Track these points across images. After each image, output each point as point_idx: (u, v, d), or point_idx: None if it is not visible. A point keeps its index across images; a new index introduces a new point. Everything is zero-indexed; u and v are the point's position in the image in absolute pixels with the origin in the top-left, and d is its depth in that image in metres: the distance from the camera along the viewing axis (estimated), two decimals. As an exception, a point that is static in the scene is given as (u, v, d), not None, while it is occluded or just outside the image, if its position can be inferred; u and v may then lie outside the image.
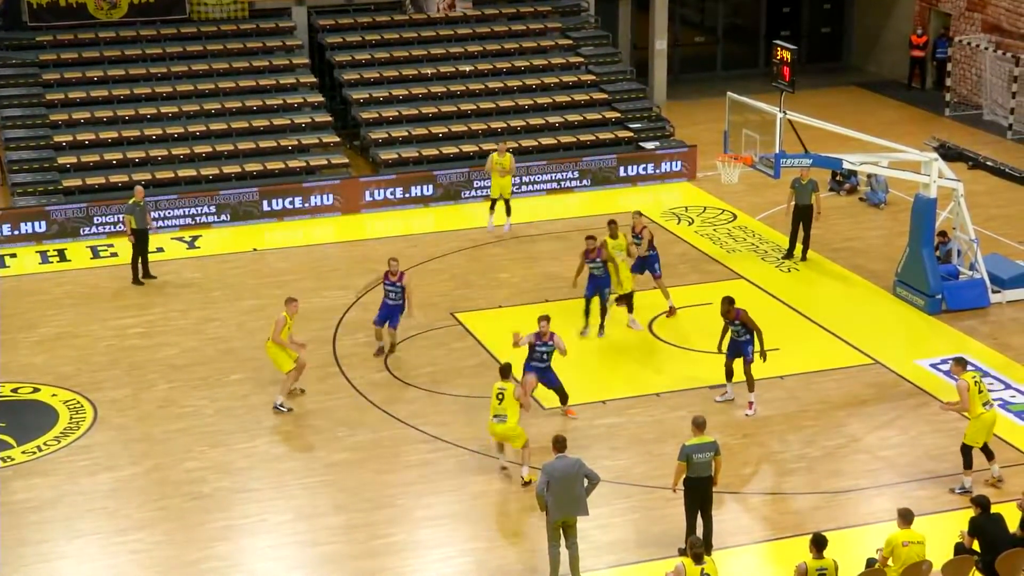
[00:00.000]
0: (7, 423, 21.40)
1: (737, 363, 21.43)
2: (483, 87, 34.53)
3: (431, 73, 34.64)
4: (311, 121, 32.99)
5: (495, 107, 34.07)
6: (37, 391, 22.53)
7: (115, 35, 34.10)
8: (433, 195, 31.27)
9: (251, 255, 28.51)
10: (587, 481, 16.97)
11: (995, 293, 25.47)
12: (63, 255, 28.50)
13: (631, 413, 21.60)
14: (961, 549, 16.59)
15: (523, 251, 28.42)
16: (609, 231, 24.21)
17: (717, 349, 21.80)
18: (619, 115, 34.34)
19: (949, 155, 31.89)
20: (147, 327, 24.90)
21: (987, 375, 22.14)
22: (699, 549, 15.39)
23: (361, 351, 23.52)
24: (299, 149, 32.18)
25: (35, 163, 30.92)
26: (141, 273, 26.78)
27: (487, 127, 33.39)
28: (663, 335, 24.36)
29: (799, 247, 27.52)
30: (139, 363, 23.48)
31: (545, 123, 33.76)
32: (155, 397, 22.29)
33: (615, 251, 23.93)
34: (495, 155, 28.94)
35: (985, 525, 16.54)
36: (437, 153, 32.42)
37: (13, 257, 28.35)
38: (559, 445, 17.10)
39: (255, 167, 31.39)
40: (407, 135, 32.92)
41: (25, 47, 33.64)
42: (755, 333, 21.25)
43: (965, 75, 37.61)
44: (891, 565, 16.09)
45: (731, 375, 21.62)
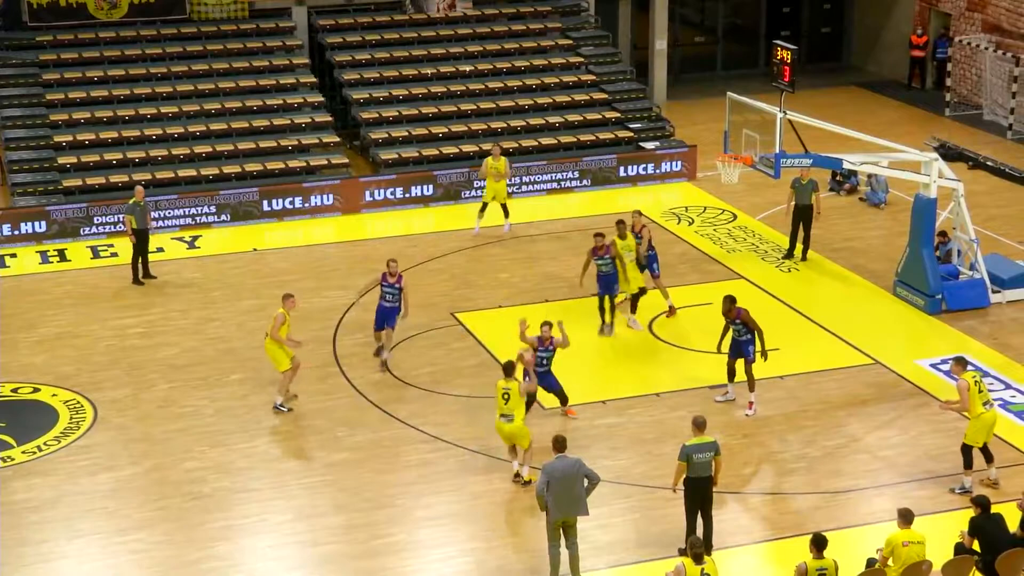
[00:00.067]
0: (7, 423, 21.41)
1: (739, 363, 21.42)
2: (483, 87, 34.53)
3: (431, 73, 34.64)
4: (311, 121, 32.99)
5: (495, 107, 34.06)
6: (37, 391, 22.53)
7: (115, 35, 34.10)
8: (433, 195, 31.27)
9: (251, 255, 28.51)
10: (587, 481, 16.97)
11: (995, 293, 25.47)
12: (63, 255, 28.49)
13: (631, 413, 21.60)
14: (961, 549, 16.59)
15: (523, 251, 28.42)
16: (618, 231, 24.21)
17: (716, 349, 21.81)
18: (619, 115, 34.33)
19: (949, 155, 31.88)
20: (147, 327, 24.90)
21: (987, 375, 22.13)
22: (699, 549, 15.39)
23: (361, 351, 23.51)
24: (299, 149, 32.18)
25: (35, 163, 30.92)
26: (141, 273, 26.77)
27: (487, 127, 33.39)
28: (663, 335, 24.37)
29: (799, 247, 27.52)
30: (139, 363, 23.48)
31: (545, 123, 33.76)
32: (155, 397, 22.30)
33: (623, 251, 23.96)
34: (489, 159, 28.87)
35: (985, 525, 16.54)
36: (437, 153, 32.41)
37: (13, 257, 28.35)
38: (559, 445, 17.10)
39: (255, 167, 31.38)
40: (407, 135, 32.92)
41: (25, 47, 33.64)
42: (756, 333, 21.26)
43: (965, 75, 37.60)
44: (891, 565, 16.09)
45: (733, 375, 21.62)
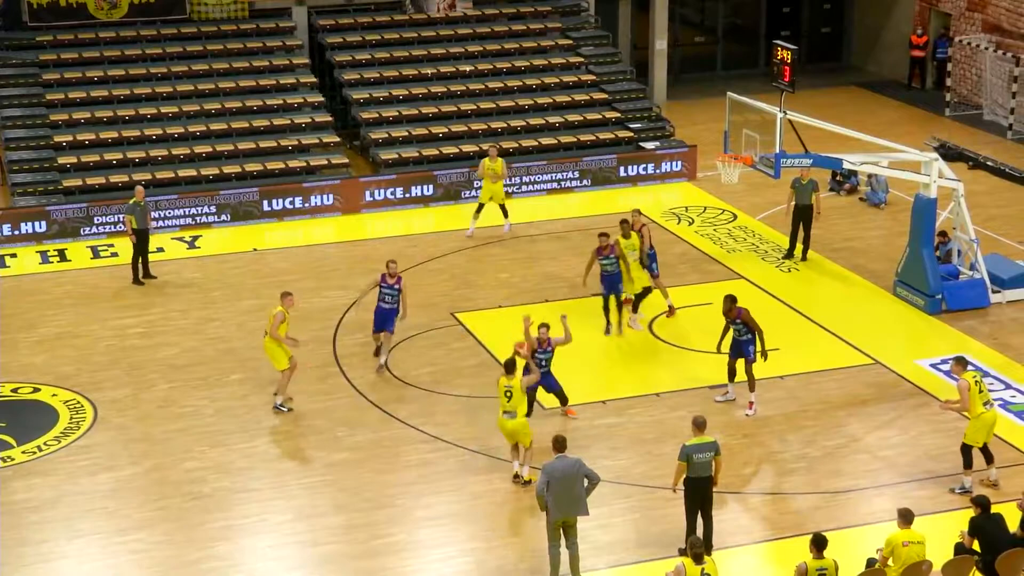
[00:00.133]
0: (7, 423, 21.40)
1: (739, 363, 21.42)
2: (483, 87, 34.52)
3: (431, 73, 34.64)
4: (311, 121, 32.98)
5: (495, 107, 34.06)
6: (37, 391, 22.53)
7: (115, 35, 34.09)
8: (433, 195, 31.26)
9: (251, 255, 28.51)
10: (587, 481, 16.97)
11: (995, 293, 25.46)
12: (63, 255, 28.49)
13: (631, 413, 21.60)
14: (961, 549, 16.59)
15: (523, 251, 28.41)
16: (621, 230, 24.21)
17: (716, 349, 21.80)
18: (619, 115, 34.33)
19: (949, 155, 31.87)
20: (147, 327, 24.90)
21: (987, 375, 22.12)
22: (699, 549, 15.39)
23: (361, 351, 23.51)
24: (299, 149, 32.17)
25: (35, 163, 30.92)
26: (141, 273, 26.77)
27: (487, 127, 33.39)
28: (663, 335, 24.36)
29: (799, 247, 27.52)
30: (139, 363, 23.48)
31: (545, 123, 33.76)
32: (155, 397, 22.29)
33: (627, 250, 23.95)
34: (486, 160, 28.81)
35: (985, 525, 16.54)
36: (437, 153, 32.41)
37: (13, 257, 28.35)
38: (559, 445, 17.10)
39: (255, 167, 31.38)
40: (407, 135, 32.91)
41: (25, 47, 33.63)
42: (756, 333, 21.25)
43: (965, 75, 37.59)
44: (891, 565, 16.09)
45: (733, 375, 21.60)
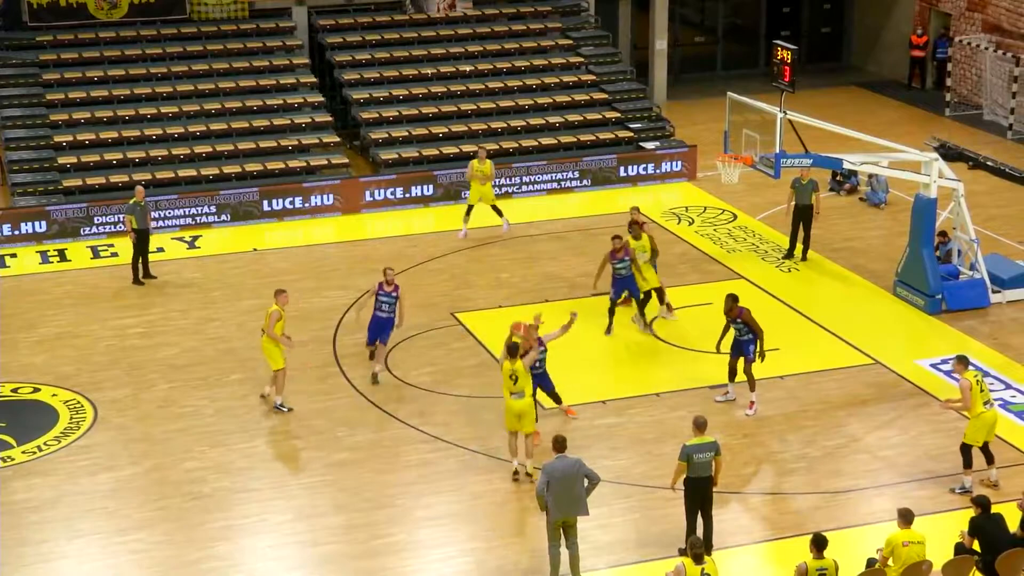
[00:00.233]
0: (7, 423, 21.40)
1: (740, 363, 21.40)
2: (483, 87, 34.52)
3: (431, 73, 34.64)
4: (311, 121, 32.99)
5: (495, 107, 34.06)
6: (37, 391, 22.53)
7: (115, 35, 34.10)
8: (433, 195, 31.26)
9: (251, 255, 28.51)
10: (587, 481, 16.97)
11: (995, 293, 25.46)
12: (63, 255, 28.49)
13: (631, 413, 21.59)
14: (961, 549, 16.59)
15: (523, 251, 28.41)
16: (632, 232, 24.21)
17: (716, 349, 21.80)
18: (619, 115, 34.33)
19: (949, 155, 31.88)
20: (147, 327, 24.90)
21: (987, 375, 22.11)
22: (699, 549, 15.39)
23: (361, 351, 23.48)
24: (299, 149, 32.18)
25: (35, 163, 30.92)
26: (141, 273, 26.77)
27: (487, 127, 33.39)
28: (663, 335, 24.35)
29: (799, 247, 27.52)
30: (139, 363, 23.48)
31: (545, 123, 33.76)
32: (155, 397, 22.29)
33: (638, 251, 23.94)
34: (475, 162, 28.72)
35: (985, 525, 16.53)
36: (437, 153, 32.41)
37: (13, 257, 28.35)
38: (559, 445, 17.09)
39: (255, 167, 31.38)
40: (407, 135, 32.91)
41: (25, 47, 33.64)
42: (756, 333, 21.23)
43: (965, 75, 37.60)
44: (891, 565, 16.09)
45: (734, 374, 21.58)
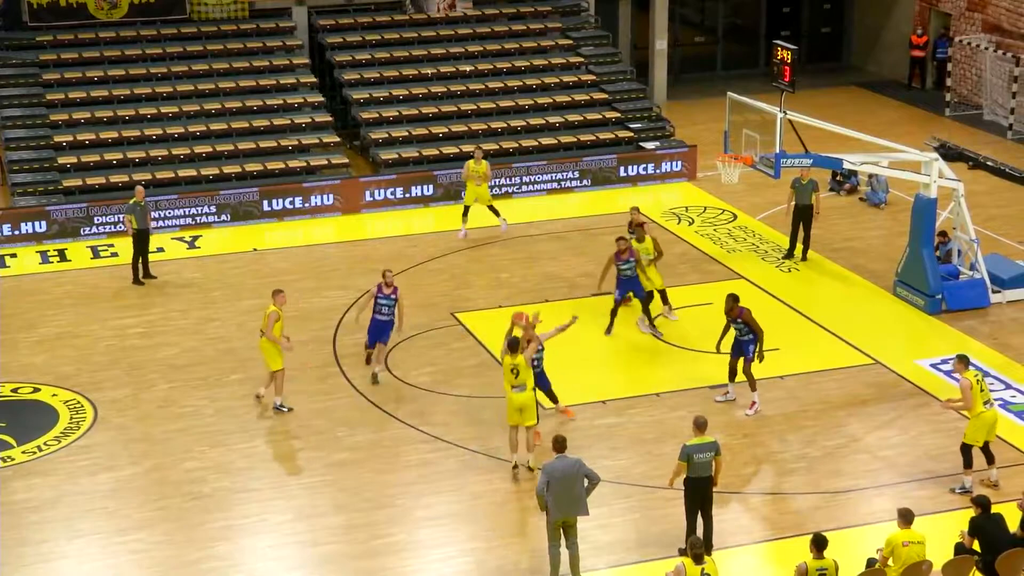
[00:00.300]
0: (7, 423, 21.40)
1: (740, 363, 21.40)
2: (483, 87, 34.52)
3: (431, 73, 34.64)
4: (311, 121, 32.98)
5: (495, 107, 34.06)
6: (37, 391, 22.53)
7: (115, 35, 34.10)
8: (433, 195, 31.27)
9: (251, 255, 28.51)
10: (587, 481, 16.97)
11: (995, 293, 25.46)
12: (63, 255, 28.49)
13: (631, 413, 21.59)
14: (961, 549, 16.59)
15: (523, 251, 28.41)
16: (636, 234, 24.19)
17: (716, 349, 21.80)
18: (619, 115, 34.33)
19: (949, 155, 31.87)
20: (147, 327, 24.90)
21: (987, 375, 22.10)
22: (699, 549, 15.38)
23: (361, 351, 23.48)
24: (299, 149, 32.18)
25: (35, 163, 30.92)
26: (141, 273, 26.77)
27: (487, 127, 33.39)
28: (663, 335, 24.33)
29: (799, 247, 27.52)
30: (139, 363, 23.47)
31: (545, 123, 33.76)
32: (155, 397, 22.29)
33: (642, 254, 23.94)
34: (471, 162, 28.70)
35: (985, 525, 16.53)
36: (437, 153, 32.41)
37: (13, 257, 28.35)
38: (559, 445, 17.09)
39: (255, 167, 31.38)
40: (407, 135, 32.91)
41: (25, 47, 33.64)
42: (756, 334, 21.22)
43: (965, 75, 37.60)
44: (891, 565, 16.09)
45: (734, 375, 21.57)
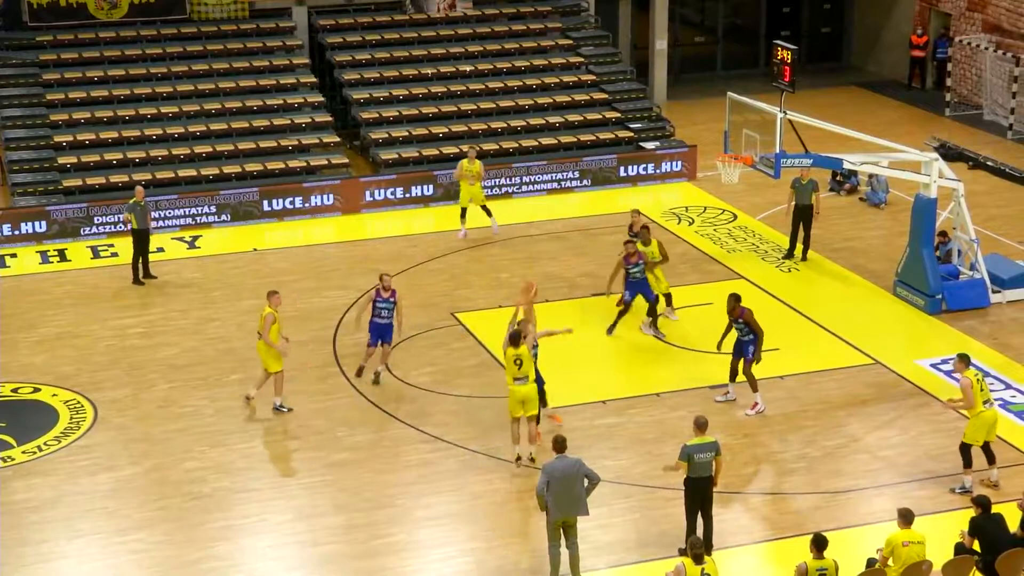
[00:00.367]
0: (7, 423, 21.40)
1: (741, 363, 21.40)
2: (483, 87, 34.52)
3: (431, 73, 34.64)
4: (311, 121, 32.98)
5: (495, 107, 34.06)
6: (37, 391, 22.52)
7: (115, 35, 34.10)
8: (433, 195, 31.26)
9: (251, 255, 28.51)
10: (587, 481, 16.96)
11: (995, 293, 25.46)
12: (63, 255, 28.49)
13: (631, 413, 21.59)
14: (961, 549, 16.58)
15: (523, 251, 28.41)
16: (642, 237, 24.17)
17: (716, 349, 21.80)
18: (619, 115, 34.33)
19: (949, 155, 31.87)
20: (147, 327, 24.90)
21: (987, 375, 22.08)
22: (699, 549, 15.38)
23: (361, 351, 23.48)
24: (299, 149, 32.17)
25: (35, 163, 30.92)
26: (142, 273, 26.77)
27: (487, 127, 33.39)
28: (665, 336, 24.32)
29: (799, 247, 27.51)
30: (139, 363, 23.47)
31: (545, 123, 33.75)
32: (155, 397, 22.29)
33: (648, 257, 23.91)
34: (464, 162, 28.65)
35: (985, 525, 16.53)
36: (437, 153, 32.40)
37: (13, 257, 28.34)
38: (559, 445, 17.08)
39: (255, 167, 31.38)
40: (407, 135, 32.91)
41: (25, 47, 33.64)
42: (756, 334, 21.22)
43: (965, 75, 37.59)
44: (891, 565, 16.09)
45: (735, 375, 21.55)
